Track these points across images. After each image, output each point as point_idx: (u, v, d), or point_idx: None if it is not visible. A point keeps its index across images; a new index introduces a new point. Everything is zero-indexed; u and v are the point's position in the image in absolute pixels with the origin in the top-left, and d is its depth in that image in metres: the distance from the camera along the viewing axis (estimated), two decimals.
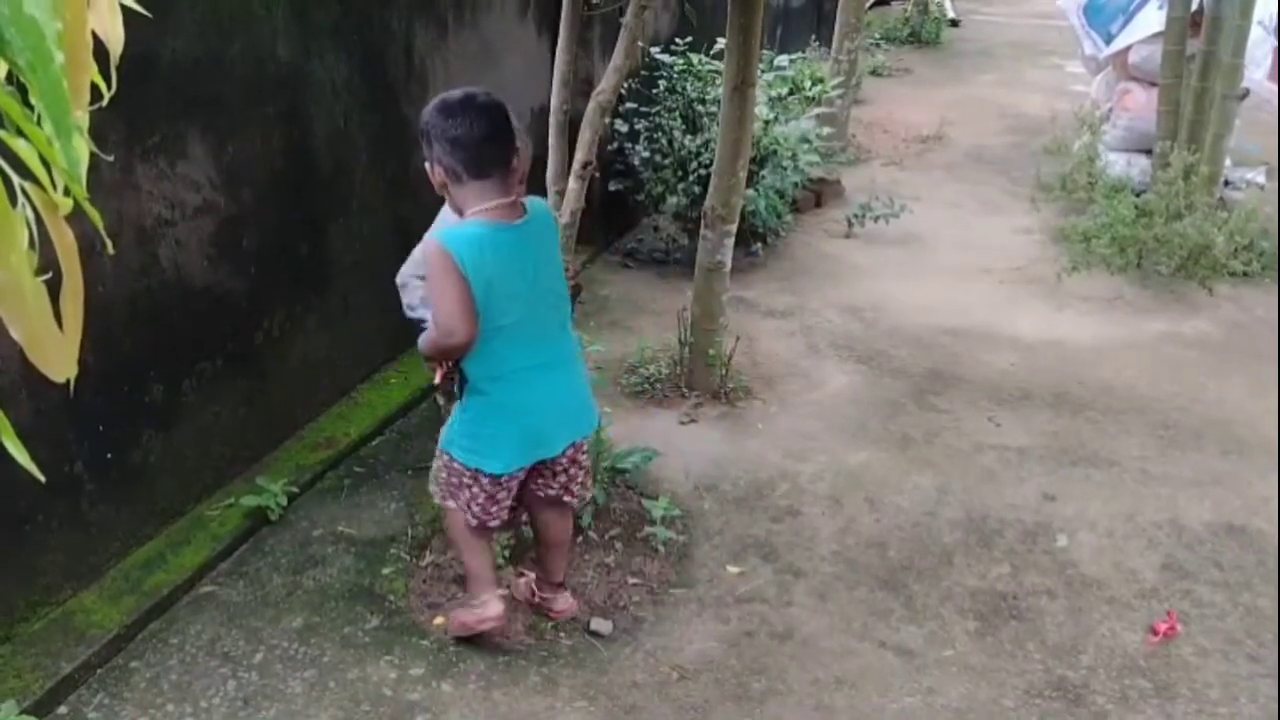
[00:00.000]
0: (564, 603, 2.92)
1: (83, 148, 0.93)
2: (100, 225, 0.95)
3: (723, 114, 4.02)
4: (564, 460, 2.66)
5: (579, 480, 2.76)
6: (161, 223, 3.04)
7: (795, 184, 6.31)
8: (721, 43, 6.07)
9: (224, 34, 3.18)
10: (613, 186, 5.80)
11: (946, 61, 13.05)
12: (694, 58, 5.80)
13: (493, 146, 2.36)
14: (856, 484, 3.74)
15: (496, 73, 4.99)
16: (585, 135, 2.82)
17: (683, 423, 4.14)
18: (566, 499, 2.76)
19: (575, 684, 2.73)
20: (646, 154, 5.61)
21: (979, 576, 3.24)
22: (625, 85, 5.73)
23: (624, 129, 5.68)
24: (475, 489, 2.59)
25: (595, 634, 2.92)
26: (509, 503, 2.67)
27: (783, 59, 6.70)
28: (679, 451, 3.90)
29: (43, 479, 0.95)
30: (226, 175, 3.27)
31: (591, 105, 2.82)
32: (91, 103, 1.08)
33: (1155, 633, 2.99)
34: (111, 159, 2.72)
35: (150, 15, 1.10)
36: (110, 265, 2.86)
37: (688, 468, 3.79)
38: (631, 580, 3.16)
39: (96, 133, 2.90)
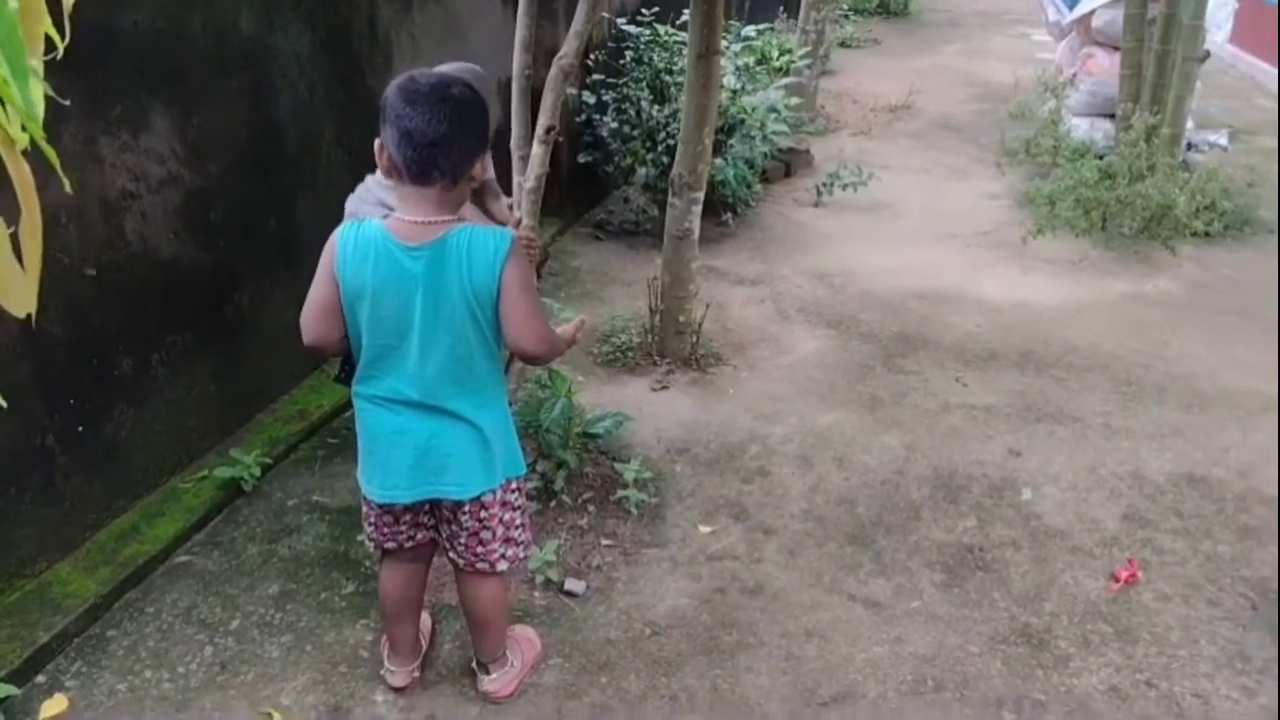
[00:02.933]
0: (486, 684, 2.56)
1: (39, 90, 0.95)
2: (57, 163, 0.97)
3: (687, 82, 4.04)
4: (461, 517, 2.31)
5: (477, 551, 2.36)
6: (126, 195, 3.04)
7: (764, 154, 6.35)
8: (688, 13, 6.11)
9: (185, 5, 3.17)
10: (582, 158, 5.82)
11: (915, 32, 13.10)
12: (660, 28, 5.82)
13: (446, 153, 2.01)
14: (825, 444, 3.79)
15: (462, 44, 4.98)
16: (548, 100, 2.83)
17: (655, 389, 4.18)
18: (468, 569, 2.41)
19: (550, 642, 2.77)
20: (615, 125, 5.63)
21: (946, 530, 3.31)
22: (592, 57, 5.76)
23: (591, 100, 5.70)
24: (366, 507, 2.39)
25: (569, 594, 2.96)
26: (408, 532, 2.39)
27: (750, 30, 6.70)
28: (651, 417, 3.94)
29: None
30: (191, 148, 3.26)
31: (553, 70, 2.83)
32: (46, 53, 1.10)
33: (1116, 579, 3.06)
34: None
35: None
36: (75, 237, 2.87)
37: (660, 432, 3.83)
38: (605, 542, 3.20)
39: (56, 105, 2.90)
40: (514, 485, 2.35)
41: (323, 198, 3.97)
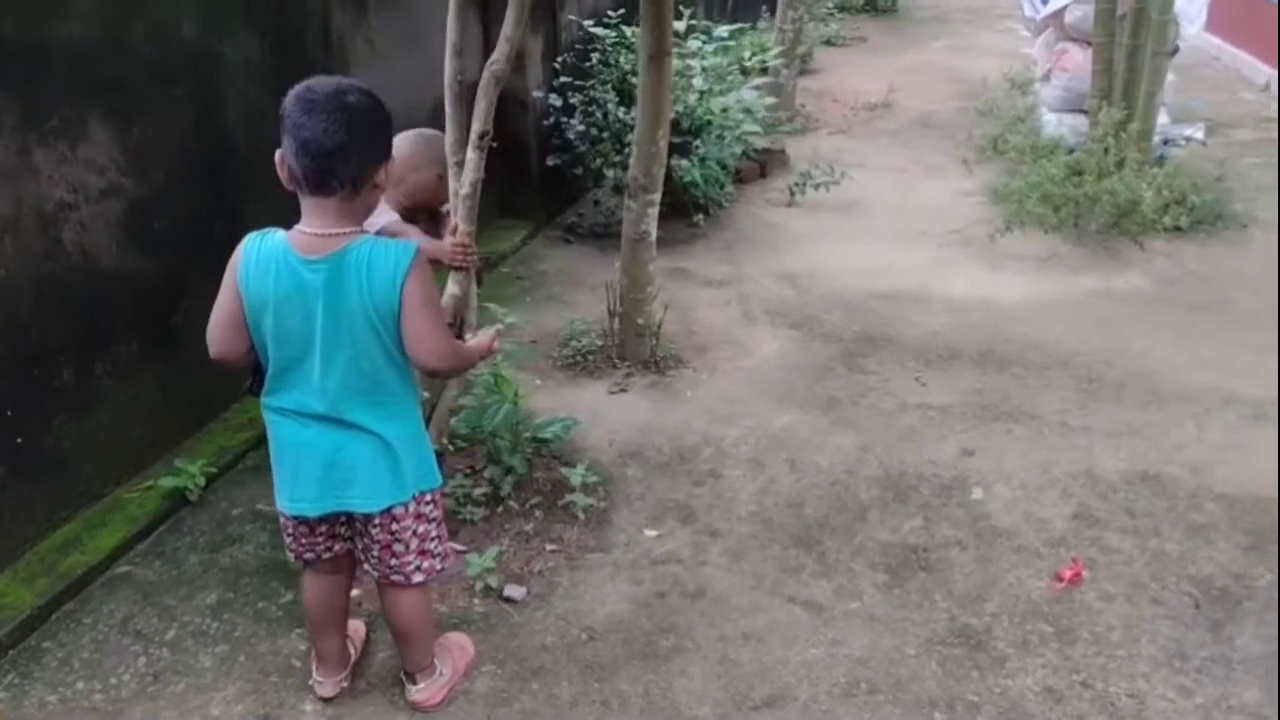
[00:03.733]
0: (413, 694, 2.53)
1: None
2: None
3: (640, 84, 4.04)
4: (372, 530, 2.30)
5: (390, 564, 2.34)
6: (64, 206, 3.04)
7: (736, 155, 6.35)
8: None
9: (123, 15, 3.17)
10: (550, 161, 5.82)
11: (901, 28, 13.10)
12: (627, 30, 5.82)
13: (345, 162, 2.00)
14: (779, 446, 3.78)
15: (423, 50, 4.97)
16: (480, 105, 2.83)
17: (612, 392, 4.18)
18: (383, 581, 2.40)
19: (485, 648, 2.76)
20: (582, 128, 5.63)
21: (891, 531, 3.30)
22: (559, 60, 5.77)
23: (558, 103, 5.69)
24: (282, 518, 2.38)
25: (509, 600, 2.95)
26: (324, 544, 2.39)
27: (722, 30, 6.69)
28: (606, 420, 3.94)
29: None
30: (133, 158, 3.27)
31: (485, 75, 2.83)
32: None
33: (1060, 579, 3.05)
34: None
35: None
36: (11, 249, 2.87)
37: (613, 436, 3.83)
38: (549, 547, 3.20)
39: None
40: (428, 498, 2.35)
41: (274, 204, 3.95)
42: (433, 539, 2.39)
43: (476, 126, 2.83)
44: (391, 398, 2.21)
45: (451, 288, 2.98)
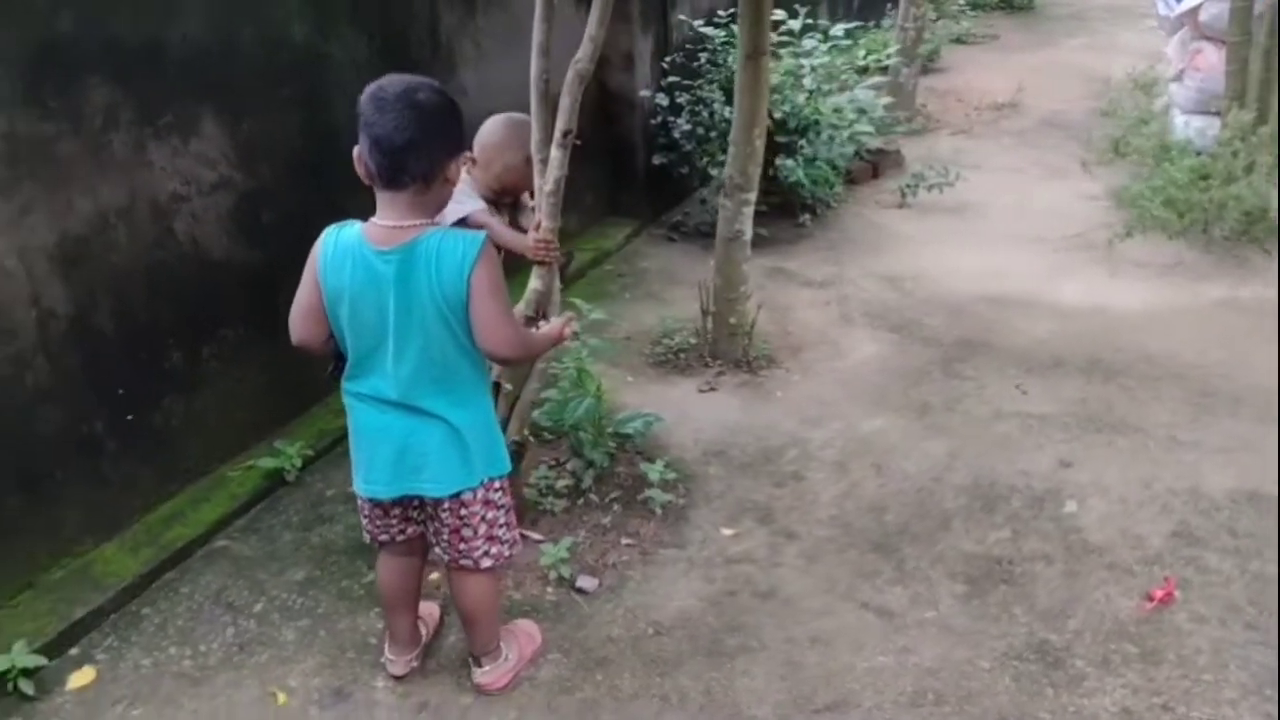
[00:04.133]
0: (478, 676, 2.60)
1: None
2: None
3: (738, 83, 4.04)
4: (441, 514, 2.38)
5: (459, 548, 2.41)
6: (176, 198, 3.21)
7: (847, 155, 6.27)
8: (779, 13, 6.08)
9: (234, 18, 3.33)
10: (657, 160, 5.85)
11: (1036, 26, 12.68)
12: (736, 29, 5.78)
13: (415, 157, 2.08)
14: (866, 450, 3.73)
15: (529, 48, 5.06)
16: (565, 103, 2.87)
17: (702, 391, 4.19)
18: (453, 564, 2.48)
19: (552, 637, 2.81)
20: (688, 127, 5.64)
21: (976, 541, 3.22)
22: (668, 60, 5.79)
23: (665, 103, 5.72)
24: (359, 500, 2.47)
25: (580, 590, 3.00)
26: (398, 526, 2.48)
27: (838, 29, 6.61)
28: (693, 418, 3.95)
29: None
30: (242, 153, 3.43)
31: (570, 73, 2.87)
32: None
33: (1151, 599, 2.93)
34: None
35: None
36: (124, 237, 3.05)
37: (699, 434, 3.84)
38: (625, 541, 3.23)
39: (108, 114, 3.12)
40: (497, 485, 2.40)
41: (373, 201, 4.11)
42: (501, 525, 2.45)
43: (560, 124, 2.88)
44: (462, 385, 2.28)
45: (534, 282, 3.04)
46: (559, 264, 3.16)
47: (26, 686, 2.61)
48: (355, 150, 2.17)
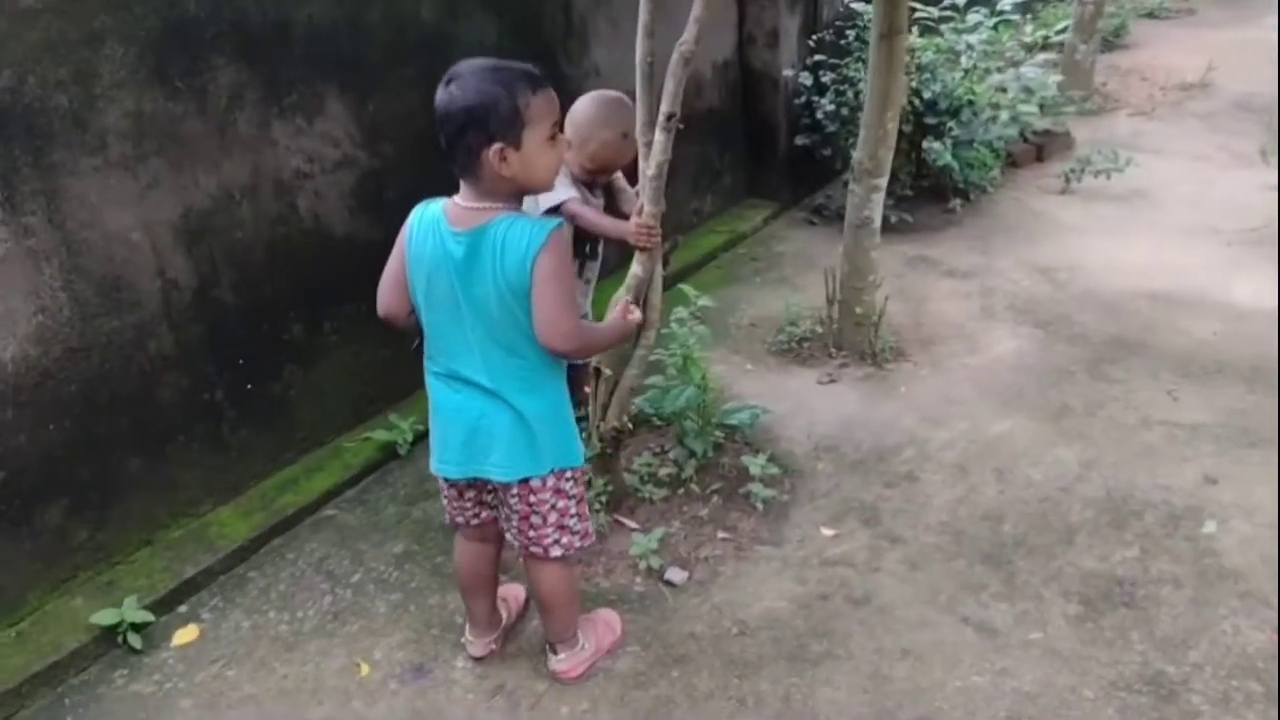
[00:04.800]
0: (554, 664, 2.60)
1: None
2: None
3: (870, 63, 3.87)
4: (510, 499, 2.37)
5: (529, 535, 2.40)
6: (299, 175, 3.31)
7: (1010, 137, 5.96)
8: None
9: (362, 1, 3.39)
10: (800, 141, 5.69)
11: (1239, 0, 11.70)
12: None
13: (450, 148, 2.09)
14: (990, 453, 3.53)
15: (669, 27, 4.98)
16: (669, 86, 2.79)
17: (822, 382, 4.05)
18: (524, 552, 2.47)
19: (634, 629, 2.77)
20: (832, 107, 5.46)
21: (1099, 559, 2.99)
22: (815, 37, 5.61)
23: (809, 82, 5.55)
24: (439, 478, 2.47)
25: (669, 583, 2.95)
26: (472, 509, 2.48)
27: (1007, 2, 6.26)
28: (809, 410, 3.83)
29: None
30: (366, 133, 3.50)
31: (675, 55, 2.79)
32: None
33: None
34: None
35: None
36: (249, 214, 3.16)
37: (813, 427, 3.71)
38: (721, 534, 3.16)
39: (233, 92, 3.22)
40: (568, 474, 2.37)
41: None
42: (572, 515, 2.42)
43: (665, 107, 2.80)
44: (532, 372, 2.24)
45: (634, 268, 2.98)
46: (664, 250, 3.10)
47: (135, 640, 2.75)
48: None
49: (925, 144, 5.30)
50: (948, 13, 6.00)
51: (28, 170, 2.58)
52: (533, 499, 2.34)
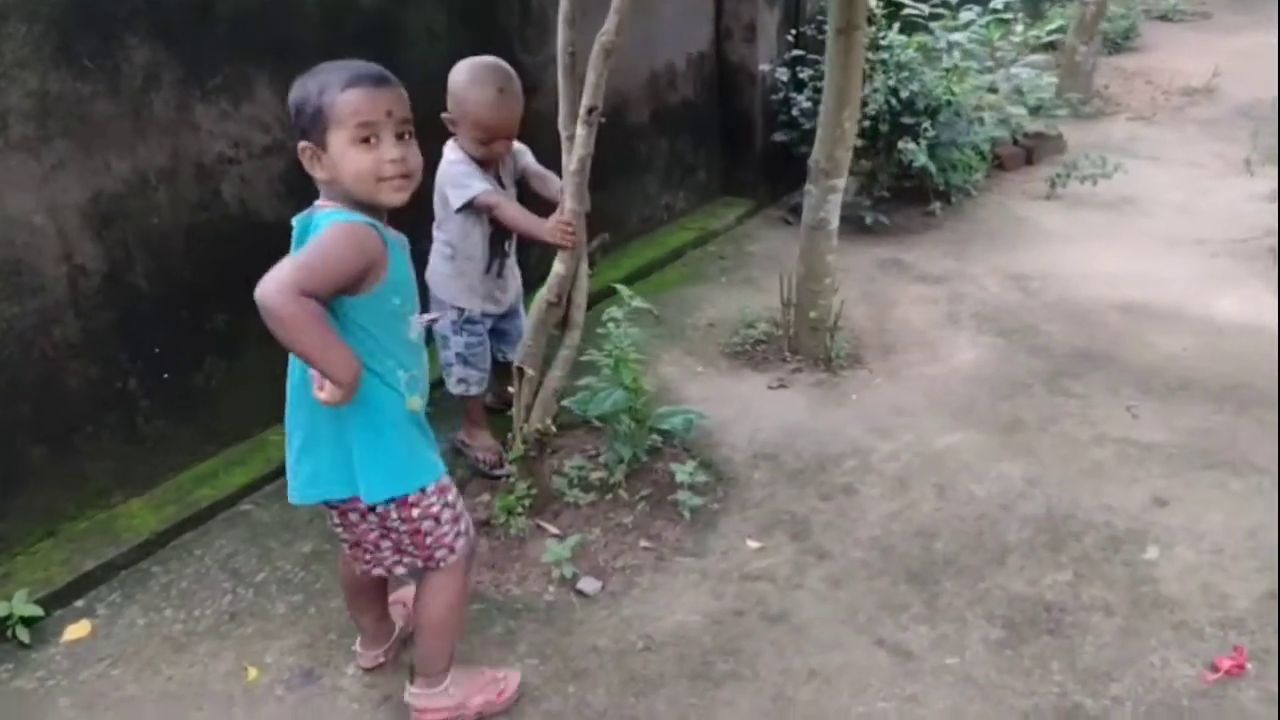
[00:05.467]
0: (412, 699, 2.40)
1: None
2: None
3: (827, 59, 3.74)
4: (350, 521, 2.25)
5: (366, 558, 2.31)
6: (224, 160, 3.22)
7: (993, 139, 5.83)
8: None
9: None
10: (777, 138, 5.56)
11: (1255, 5, 11.47)
12: (873, 1, 5.42)
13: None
14: (934, 467, 3.41)
15: (642, 19, 4.88)
16: (590, 78, 2.68)
17: (771, 387, 3.94)
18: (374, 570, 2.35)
19: (535, 641, 2.68)
20: (809, 104, 5.33)
21: (1029, 582, 2.87)
22: (794, 31, 5.48)
23: (786, 78, 5.42)
24: None
25: (580, 593, 2.85)
26: (343, 535, 2.32)
27: (1000, 1, 6.12)
28: (754, 416, 3.72)
29: None
30: None
31: (595, 47, 2.68)
32: None
33: (1216, 669, 2.53)
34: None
35: None
36: (166, 199, 3.08)
37: (755, 434, 3.61)
38: (643, 543, 3.06)
39: (149, 72, 3.09)
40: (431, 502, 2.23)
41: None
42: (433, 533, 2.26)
43: (586, 100, 2.70)
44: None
45: (557, 266, 2.89)
46: (591, 248, 3.00)
47: (23, 635, 2.67)
48: None
49: (900, 144, 5.17)
50: (938, 10, 5.86)
51: None
52: (359, 523, 2.25)
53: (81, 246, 2.90)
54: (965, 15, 5.99)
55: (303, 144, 1.98)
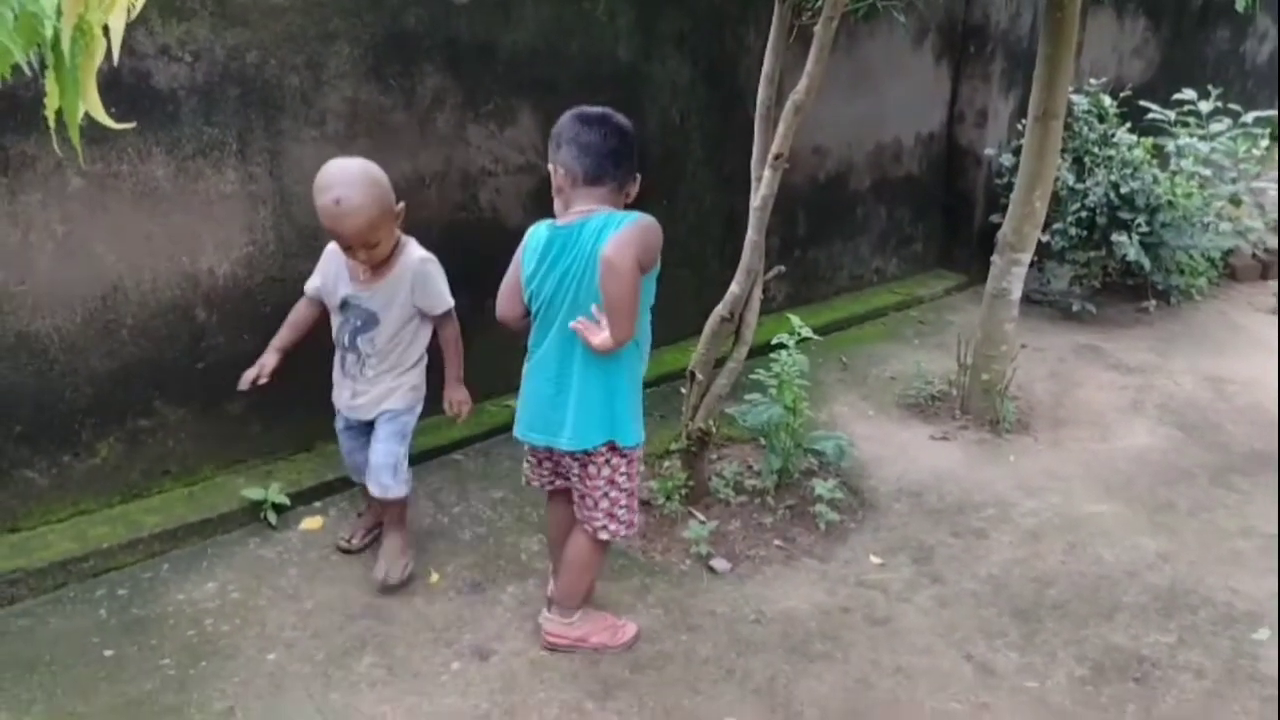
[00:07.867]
0: (543, 619, 2.88)
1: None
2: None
3: (1025, 142, 4.05)
4: (575, 469, 2.69)
5: (588, 507, 2.71)
6: (484, 172, 3.91)
7: (1221, 248, 5.84)
8: (1188, 92, 5.85)
9: (564, 34, 3.98)
10: (995, 220, 5.80)
11: None
12: (1106, 99, 5.61)
13: (614, 161, 2.50)
14: (1071, 528, 3.60)
15: (874, 97, 5.32)
16: (780, 129, 3.16)
17: (934, 438, 4.22)
18: (579, 517, 2.76)
19: (663, 597, 3.12)
20: None
21: (1130, 637, 3.04)
22: (1024, 121, 5.73)
23: (1010, 163, 5.68)
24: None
25: (711, 569, 3.27)
26: (547, 475, 2.79)
27: (1250, 116, 6.13)
28: (909, 458, 4.02)
29: None
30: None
31: (788, 104, 3.15)
32: None
33: None
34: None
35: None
36: (435, 197, 3.79)
37: (905, 473, 3.91)
38: (777, 542, 3.44)
39: (436, 95, 3.74)
40: (623, 466, 2.68)
41: (680, 209, 4.60)
42: (622, 507, 2.73)
43: (774, 148, 3.17)
44: (593, 354, 2.55)
45: (733, 286, 3.36)
46: (769, 277, 3.45)
47: (272, 518, 3.39)
48: (550, 165, 2.58)
49: (1114, 237, 5.31)
50: (1186, 117, 5.98)
51: (259, 131, 3.30)
52: (596, 475, 2.67)
53: None
54: (1215, 126, 6.06)
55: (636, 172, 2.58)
